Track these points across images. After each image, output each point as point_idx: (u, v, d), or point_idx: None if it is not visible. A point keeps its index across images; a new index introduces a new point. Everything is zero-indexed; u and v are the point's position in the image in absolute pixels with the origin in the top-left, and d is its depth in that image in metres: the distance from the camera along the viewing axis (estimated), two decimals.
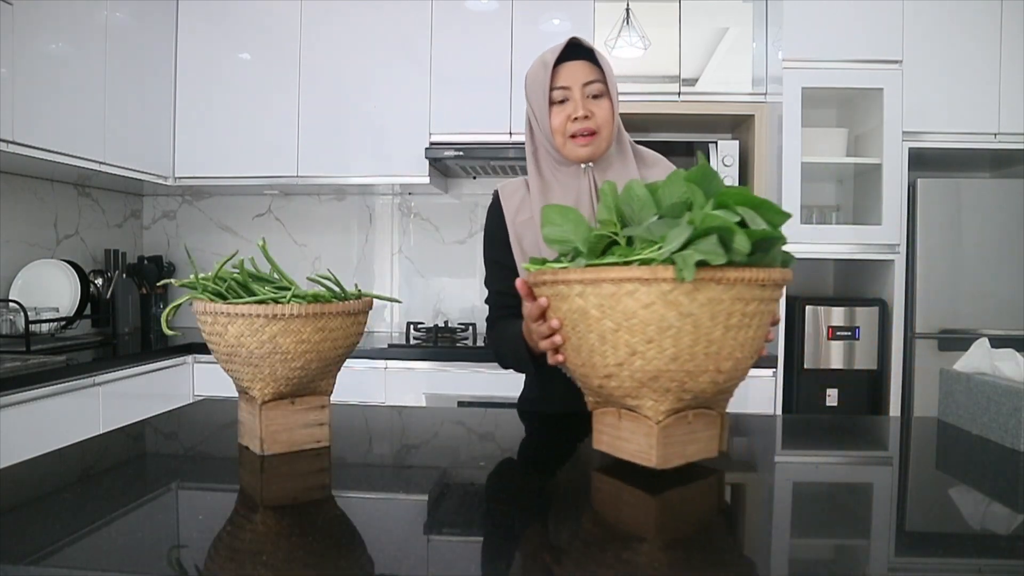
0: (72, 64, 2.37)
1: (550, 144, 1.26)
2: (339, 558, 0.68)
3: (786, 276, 0.86)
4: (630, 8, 2.67)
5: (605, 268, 0.84)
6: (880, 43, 2.61)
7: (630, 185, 0.91)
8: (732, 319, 0.83)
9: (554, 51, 1.22)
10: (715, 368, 0.85)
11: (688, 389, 0.87)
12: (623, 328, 0.84)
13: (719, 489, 0.93)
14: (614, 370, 0.88)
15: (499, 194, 1.34)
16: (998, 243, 2.53)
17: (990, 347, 1.24)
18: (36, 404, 1.90)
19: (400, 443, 1.21)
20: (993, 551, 0.73)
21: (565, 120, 1.22)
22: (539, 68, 1.24)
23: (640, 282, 0.81)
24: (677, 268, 0.79)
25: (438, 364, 2.59)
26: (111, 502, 0.84)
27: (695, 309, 0.81)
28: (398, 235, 3.26)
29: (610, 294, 0.84)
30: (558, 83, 1.22)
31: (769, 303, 0.87)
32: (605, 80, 1.23)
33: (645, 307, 0.82)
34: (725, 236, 0.79)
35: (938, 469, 1.11)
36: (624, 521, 0.82)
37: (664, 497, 0.86)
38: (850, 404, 2.63)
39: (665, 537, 0.76)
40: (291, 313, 0.96)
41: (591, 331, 0.88)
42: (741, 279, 0.81)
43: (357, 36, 2.87)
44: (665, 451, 0.89)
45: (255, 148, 2.91)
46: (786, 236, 0.85)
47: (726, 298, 0.82)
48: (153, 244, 3.34)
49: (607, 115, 1.23)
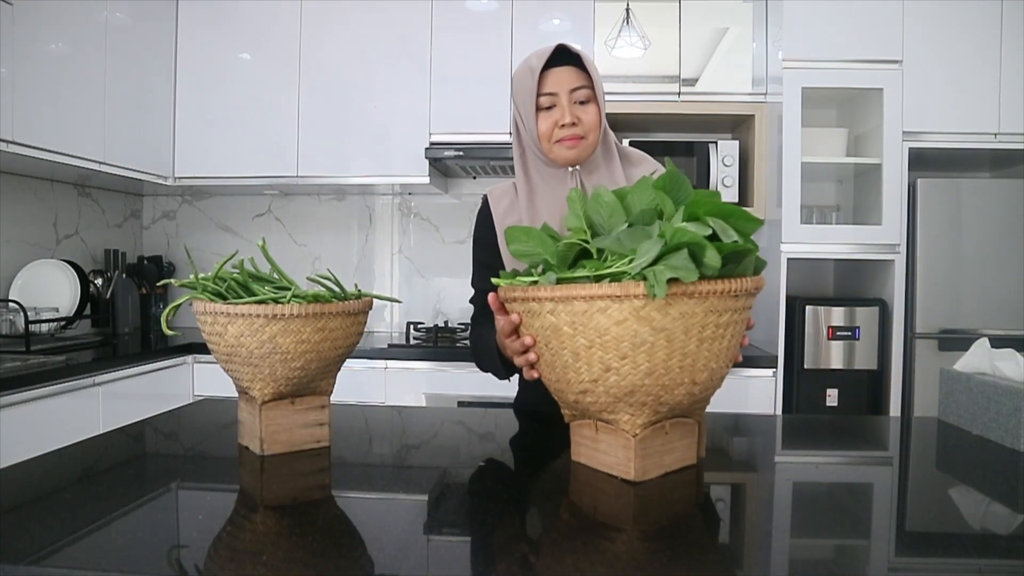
0: (72, 64, 2.37)
1: (537, 148, 1.27)
2: (339, 558, 0.68)
3: (759, 284, 0.85)
4: (630, 8, 2.67)
5: (576, 286, 0.83)
6: (880, 43, 2.61)
7: (598, 192, 0.91)
8: (706, 331, 0.83)
9: (541, 57, 1.22)
10: (690, 380, 0.85)
11: (664, 402, 0.87)
12: (596, 345, 0.83)
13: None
14: (589, 386, 0.87)
15: (488, 198, 1.35)
16: (998, 243, 2.53)
17: (990, 347, 1.24)
18: (36, 404, 1.90)
19: (400, 443, 1.21)
20: (993, 551, 0.73)
21: (552, 126, 1.23)
22: (526, 74, 1.24)
23: (612, 299, 0.81)
24: (648, 285, 0.78)
25: (438, 364, 2.59)
26: (111, 502, 0.84)
27: (668, 324, 0.81)
28: (398, 235, 3.26)
29: (582, 311, 0.83)
30: (545, 89, 1.22)
31: (742, 312, 0.86)
32: (592, 85, 1.23)
33: (618, 324, 0.81)
34: (695, 251, 0.78)
35: (938, 469, 1.11)
36: (630, 519, 0.82)
37: (664, 496, 0.86)
38: (850, 404, 2.63)
39: (664, 533, 0.76)
40: (291, 313, 0.96)
41: (564, 348, 0.87)
42: (714, 291, 0.80)
43: (357, 36, 2.87)
44: (643, 463, 0.89)
45: (255, 148, 2.91)
46: (756, 244, 0.85)
47: (699, 311, 0.81)
48: (153, 244, 3.34)
49: (594, 120, 1.24)
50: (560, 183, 1.29)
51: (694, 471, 0.95)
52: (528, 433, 1.27)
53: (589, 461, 0.96)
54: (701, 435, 0.98)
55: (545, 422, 1.31)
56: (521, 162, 1.31)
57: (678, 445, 0.94)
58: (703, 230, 0.79)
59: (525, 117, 1.26)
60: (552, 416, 1.31)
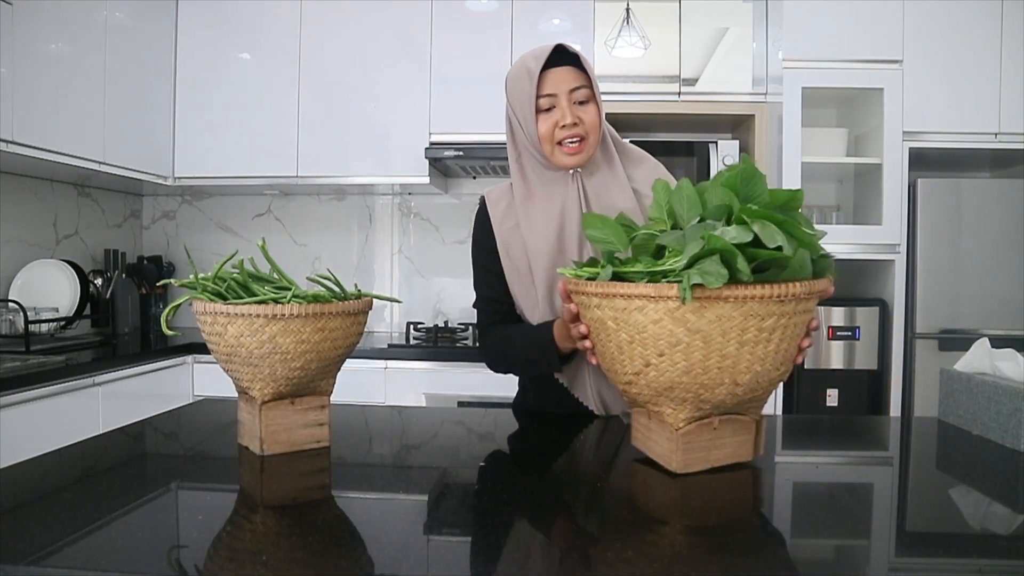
0: (72, 64, 2.37)
1: (536, 150, 1.24)
2: (339, 558, 0.68)
3: (812, 288, 0.85)
4: (630, 8, 2.67)
5: (616, 284, 0.87)
6: (880, 43, 2.61)
7: (682, 184, 0.93)
8: (747, 334, 0.83)
9: (538, 58, 1.19)
10: (731, 381, 0.86)
11: (705, 400, 0.88)
12: (636, 341, 0.86)
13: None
14: (632, 378, 0.90)
15: (485, 200, 1.33)
16: (998, 243, 2.53)
17: (990, 347, 1.24)
18: (36, 404, 1.90)
19: (400, 443, 1.21)
20: (993, 551, 0.73)
21: (553, 127, 1.21)
22: (523, 76, 1.21)
23: (648, 299, 0.83)
24: (680, 288, 0.80)
25: (438, 364, 2.59)
26: (111, 502, 0.84)
27: (704, 326, 0.82)
28: (398, 235, 3.26)
29: (622, 308, 0.86)
30: (544, 91, 1.20)
31: (796, 316, 0.86)
32: (591, 85, 1.21)
33: (654, 323, 0.84)
34: (728, 257, 0.79)
35: (938, 469, 1.11)
36: (624, 519, 0.82)
37: (659, 495, 0.86)
38: (850, 404, 2.63)
39: (676, 529, 0.76)
40: (291, 313, 0.96)
41: (610, 340, 0.90)
42: (751, 296, 0.81)
43: (357, 36, 2.87)
44: (685, 457, 0.91)
45: (255, 148, 2.91)
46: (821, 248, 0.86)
47: (736, 315, 0.82)
48: (153, 244, 3.34)
49: (594, 120, 1.22)
50: (558, 186, 1.26)
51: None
52: (529, 433, 1.27)
53: (643, 448, 1.00)
54: (759, 433, 0.97)
55: (546, 421, 1.31)
56: (518, 165, 1.29)
57: (729, 441, 0.94)
58: (744, 236, 0.80)
59: (523, 120, 1.23)
60: (551, 416, 1.32)
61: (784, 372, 0.91)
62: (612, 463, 1.11)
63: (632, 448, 1.02)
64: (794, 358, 0.91)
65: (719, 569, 0.66)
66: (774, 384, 0.91)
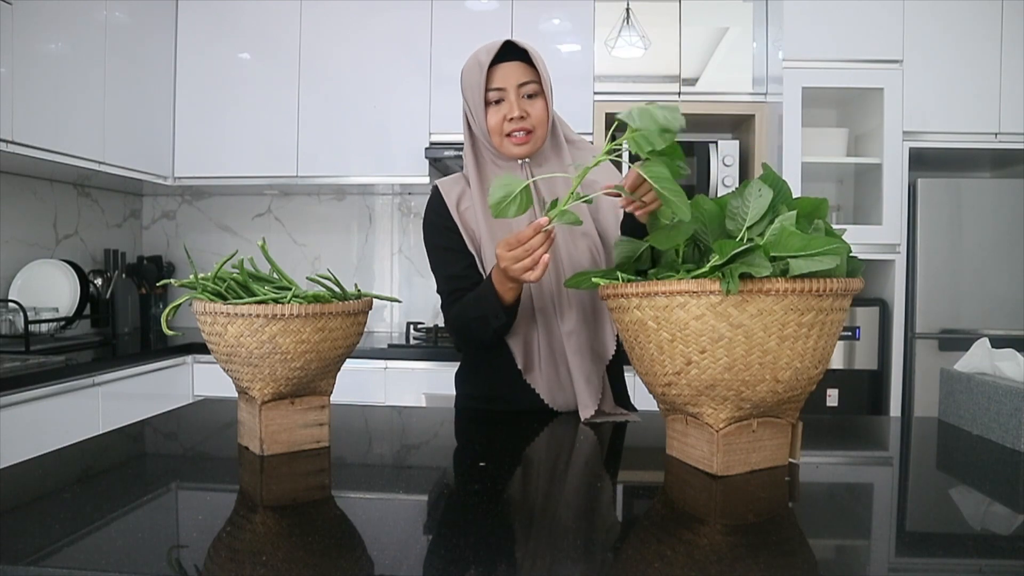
0: (72, 64, 2.36)
1: (487, 141, 1.31)
2: (339, 558, 0.68)
3: (848, 286, 0.86)
4: (630, 8, 2.67)
5: (657, 282, 0.88)
6: (880, 43, 2.61)
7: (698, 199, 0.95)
8: (787, 329, 0.85)
9: (489, 52, 1.26)
10: (772, 377, 0.87)
11: (746, 398, 0.88)
12: (678, 339, 0.87)
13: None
14: (673, 379, 0.91)
15: (439, 188, 1.38)
16: (998, 243, 2.53)
17: (990, 347, 1.24)
18: (36, 404, 1.90)
19: (400, 443, 1.21)
20: (993, 551, 0.73)
21: (501, 120, 1.27)
22: (474, 68, 1.28)
23: (689, 295, 0.85)
24: (723, 281, 0.81)
25: (438, 364, 2.59)
26: (111, 502, 0.84)
27: (745, 320, 0.83)
28: (398, 235, 3.26)
29: (663, 306, 0.87)
30: (493, 84, 1.26)
31: (832, 313, 0.87)
32: (539, 80, 1.27)
33: (696, 319, 0.85)
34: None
35: (938, 469, 1.11)
36: (626, 519, 0.82)
37: (662, 495, 0.85)
38: (850, 404, 2.63)
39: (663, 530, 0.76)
40: (291, 313, 0.96)
41: (650, 341, 0.91)
42: (792, 290, 0.82)
43: (357, 36, 2.87)
44: (726, 459, 0.91)
45: (255, 148, 2.91)
46: (847, 245, 0.87)
47: (777, 309, 0.83)
48: (153, 244, 3.34)
49: (542, 114, 1.28)
50: (509, 173, 1.30)
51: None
52: (529, 433, 1.27)
53: (680, 455, 0.99)
54: (795, 437, 0.98)
55: (544, 421, 1.31)
56: (472, 154, 1.35)
57: (767, 444, 0.95)
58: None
59: (475, 111, 1.29)
60: (551, 416, 1.31)
61: (821, 371, 0.92)
62: (612, 463, 1.11)
63: (624, 448, 1.02)
64: (830, 356, 0.92)
65: (719, 569, 0.66)
66: (812, 382, 0.93)
